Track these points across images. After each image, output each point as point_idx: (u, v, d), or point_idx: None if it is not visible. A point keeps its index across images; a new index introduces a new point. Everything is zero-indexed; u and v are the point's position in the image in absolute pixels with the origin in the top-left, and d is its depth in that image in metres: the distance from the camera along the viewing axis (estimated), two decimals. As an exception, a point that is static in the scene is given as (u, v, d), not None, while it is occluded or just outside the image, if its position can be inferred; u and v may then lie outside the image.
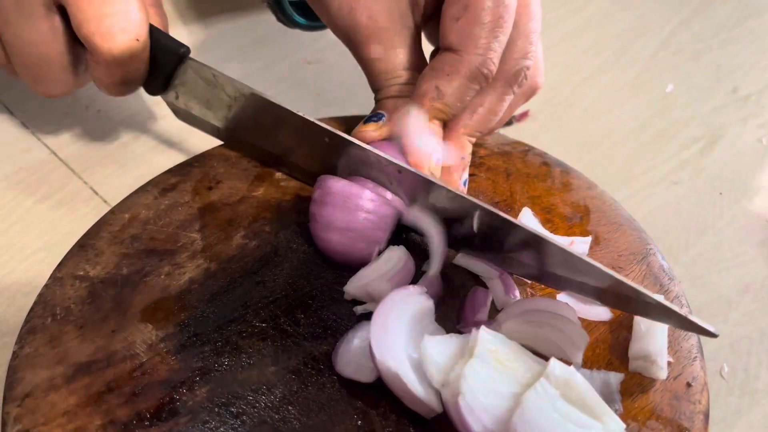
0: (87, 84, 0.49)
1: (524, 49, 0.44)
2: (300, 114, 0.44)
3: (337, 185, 0.42)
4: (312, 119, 0.44)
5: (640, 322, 0.40)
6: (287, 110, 0.45)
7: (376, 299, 0.40)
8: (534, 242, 0.39)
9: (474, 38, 0.42)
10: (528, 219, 0.46)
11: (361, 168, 0.44)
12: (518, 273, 0.43)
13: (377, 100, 0.48)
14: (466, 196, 0.40)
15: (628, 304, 0.37)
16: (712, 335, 0.35)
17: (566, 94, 0.70)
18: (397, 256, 0.42)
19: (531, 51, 0.45)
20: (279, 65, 0.70)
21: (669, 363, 0.39)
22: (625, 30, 0.81)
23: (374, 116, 0.46)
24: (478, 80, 0.43)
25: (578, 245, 0.45)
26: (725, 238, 0.57)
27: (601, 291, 0.38)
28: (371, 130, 0.46)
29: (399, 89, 0.46)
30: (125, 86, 0.47)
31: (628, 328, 0.41)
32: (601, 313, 0.41)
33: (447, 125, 0.46)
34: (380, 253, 0.42)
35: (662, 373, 0.38)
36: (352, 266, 0.42)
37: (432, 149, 0.44)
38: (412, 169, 0.42)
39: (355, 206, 0.41)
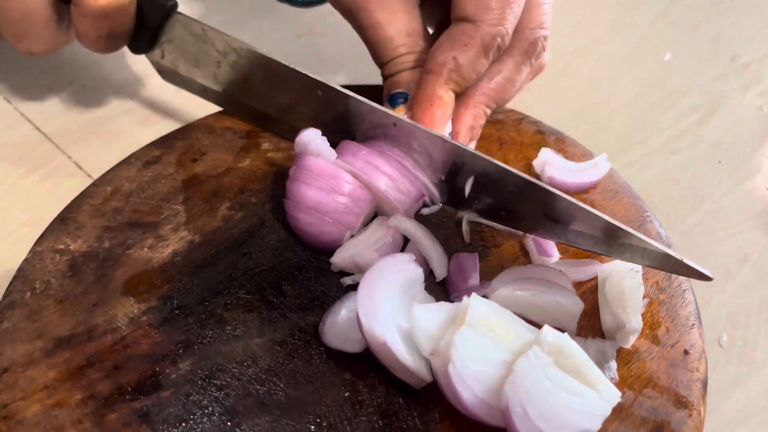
0: (69, 43, 0.48)
1: (539, 19, 0.45)
2: (292, 66, 0.42)
3: (312, 162, 0.40)
4: (304, 71, 0.42)
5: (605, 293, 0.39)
6: (280, 63, 0.43)
7: (363, 270, 0.38)
8: (530, 190, 0.38)
9: (490, 8, 0.42)
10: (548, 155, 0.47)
11: (355, 122, 0.42)
12: (518, 228, 0.42)
13: (389, 74, 0.45)
14: (458, 144, 0.40)
15: (623, 251, 0.37)
16: (707, 278, 0.35)
17: (563, 63, 0.69)
18: (385, 226, 0.41)
19: (546, 21, 0.45)
20: (269, 38, 0.68)
21: (664, 332, 0.38)
22: (622, -1, 0.79)
23: (399, 96, 0.44)
24: (492, 50, 0.43)
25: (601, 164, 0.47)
26: (724, 208, 0.55)
27: (593, 238, 0.38)
28: (404, 113, 0.44)
29: (416, 58, 0.44)
30: (111, 41, 0.46)
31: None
32: (592, 271, 0.40)
33: (462, 94, 0.44)
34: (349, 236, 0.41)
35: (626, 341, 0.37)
36: (320, 249, 0.41)
37: (444, 122, 0.43)
38: (406, 120, 0.40)
39: (328, 186, 0.40)
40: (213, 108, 0.50)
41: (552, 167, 0.46)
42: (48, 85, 0.60)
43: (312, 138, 0.42)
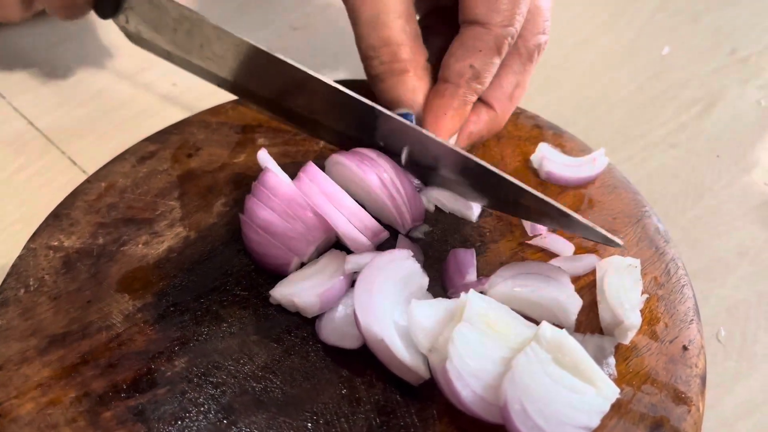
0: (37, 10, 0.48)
1: (542, 25, 0.46)
2: (239, 36, 0.43)
3: (272, 181, 0.38)
4: (249, 41, 0.43)
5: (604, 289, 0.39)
6: (228, 33, 0.43)
7: (302, 313, 0.36)
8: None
9: (500, 10, 0.42)
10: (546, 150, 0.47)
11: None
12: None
13: (379, 74, 0.43)
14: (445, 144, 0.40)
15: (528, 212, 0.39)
16: (617, 245, 0.36)
17: (562, 57, 0.68)
18: (335, 263, 0.38)
19: (548, 27, 0.46)
20: (265, 31, 0.68)
21: (661, 326, 0.38)
22: (621, -9, 0.79)
23: (408, 117, 0.43)
24: (503, 52, 0.43)
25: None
26: (723, 201, 0.55)
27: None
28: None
29: (405, 62, 0.43)
30: (74, 6, 0.46)
31: (623, 291, 0.40)
32: (589, 266, 0.40)
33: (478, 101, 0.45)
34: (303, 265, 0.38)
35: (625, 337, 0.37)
36: (267, 270, 0.38)
37: (455, 131, 0.43)
38: (386, 111, 0.41)
39: (281, 209, 0.37)
40: (208, 103, 0.50)
41: (550, 162, 0.46)
42: (41, 79, 0.60)
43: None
